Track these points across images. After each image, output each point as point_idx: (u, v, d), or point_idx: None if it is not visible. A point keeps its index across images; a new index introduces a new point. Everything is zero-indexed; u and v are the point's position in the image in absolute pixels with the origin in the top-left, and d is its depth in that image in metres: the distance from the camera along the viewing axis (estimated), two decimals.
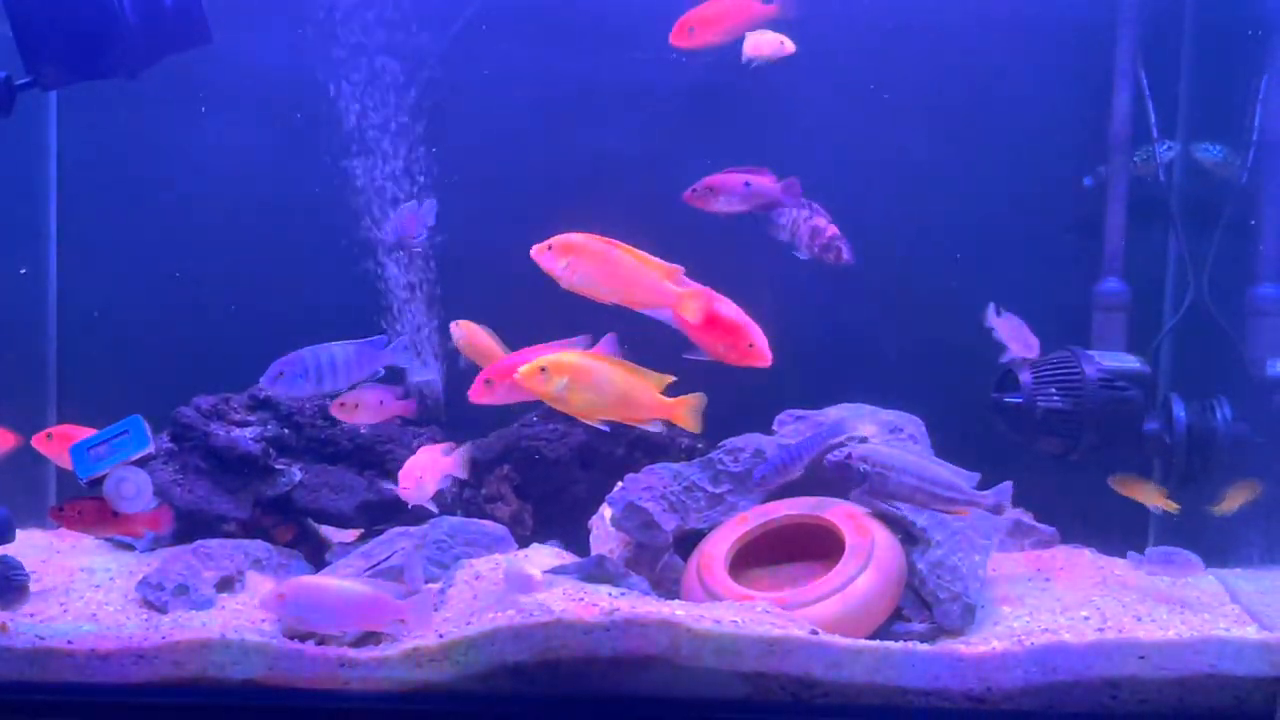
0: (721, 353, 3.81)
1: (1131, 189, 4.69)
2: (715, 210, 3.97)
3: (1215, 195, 4.60)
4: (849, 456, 3.68)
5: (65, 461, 4.22)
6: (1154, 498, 4.30)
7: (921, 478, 3.60)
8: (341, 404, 4.29)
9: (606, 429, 3.86)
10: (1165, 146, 4.66)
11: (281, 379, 4.10)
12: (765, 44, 4.44)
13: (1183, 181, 4.72)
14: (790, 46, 4.45)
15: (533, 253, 3.78)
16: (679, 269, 3.76)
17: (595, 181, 4.70)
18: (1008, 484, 3.60)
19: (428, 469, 4.14)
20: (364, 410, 4.32)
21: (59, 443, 4.35)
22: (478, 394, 4.04)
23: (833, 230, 4.35)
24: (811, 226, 4.31)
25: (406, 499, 4.16)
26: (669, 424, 4.69)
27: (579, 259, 3.74)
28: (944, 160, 4.78)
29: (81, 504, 4.05)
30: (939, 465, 3.67)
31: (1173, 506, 4.30)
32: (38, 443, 4.40)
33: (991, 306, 4.31)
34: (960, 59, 4.76)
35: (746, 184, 4.00)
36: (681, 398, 3.76)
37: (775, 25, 4.48)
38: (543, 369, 3.70)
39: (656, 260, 3.77)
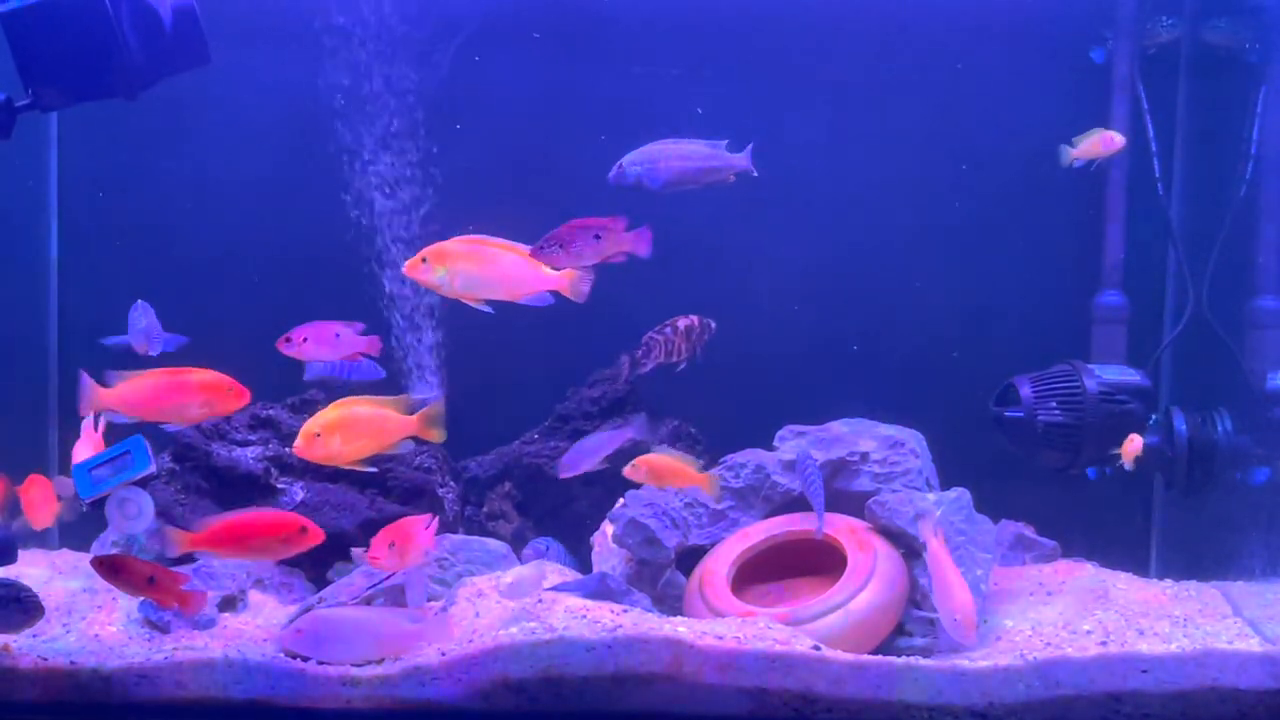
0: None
1: (1131, 202, 4.70)
2: (564, 266, 3.71)
3: (1217, 204, 4.61)
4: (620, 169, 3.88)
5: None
6: None
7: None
8: (288, 339, 3.81)
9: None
10: (1169, 22, 4.65)
11: None
12: (1099, 143, 4.41)
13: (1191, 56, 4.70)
14: (1120, 139, 4.42)
15: (406, 269, 3.75)
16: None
17: (596, 194, 4.70)
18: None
19: (408, 541, 3.79)
20: (314, 345, 3.84)
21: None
22: None
23: (693, 319, 4.41)
24: (686, 326, 4.38)
25: (378, 567, 3.81)
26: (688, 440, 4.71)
27: (458, 265, 3.71)
28: (943, 172, 4.79)
29: None
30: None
31: None
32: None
33: None
34: (959, 69, 4.76)
35: (596, 236, 3.70)
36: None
37: None
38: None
39: (522, 247, 3.73)
